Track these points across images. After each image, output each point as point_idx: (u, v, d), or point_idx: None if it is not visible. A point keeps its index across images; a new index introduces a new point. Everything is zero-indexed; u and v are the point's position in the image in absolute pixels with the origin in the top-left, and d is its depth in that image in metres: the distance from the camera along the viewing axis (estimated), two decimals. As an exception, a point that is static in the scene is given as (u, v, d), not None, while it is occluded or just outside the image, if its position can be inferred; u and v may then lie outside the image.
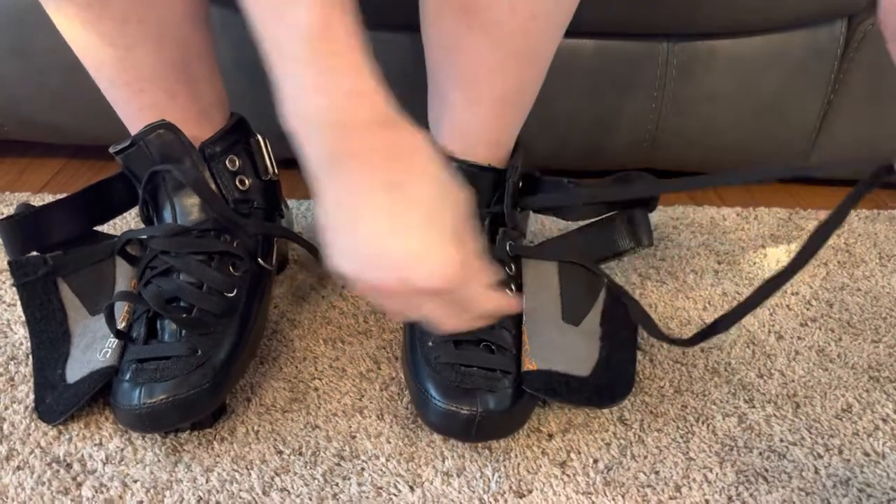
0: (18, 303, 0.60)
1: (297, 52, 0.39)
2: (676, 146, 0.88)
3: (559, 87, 0.82)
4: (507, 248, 0.60)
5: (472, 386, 0.52)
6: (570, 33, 0.78)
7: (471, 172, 0.56)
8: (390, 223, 0.41)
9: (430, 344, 0.56)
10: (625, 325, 0.61)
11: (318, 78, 0.39)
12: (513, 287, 0.59)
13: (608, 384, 0.56)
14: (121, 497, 0.51)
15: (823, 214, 0.87)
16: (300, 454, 0.54)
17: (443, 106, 0.58)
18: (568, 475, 0.53)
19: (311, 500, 0.51)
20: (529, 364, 0.54)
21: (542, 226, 0.83)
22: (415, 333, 0.57)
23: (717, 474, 0.53)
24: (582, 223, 0.65)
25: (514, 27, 0.50)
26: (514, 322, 0.58)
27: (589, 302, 0.62)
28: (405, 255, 0.41)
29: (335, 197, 0.42)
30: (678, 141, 0.87)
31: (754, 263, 0.78)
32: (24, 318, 0.59)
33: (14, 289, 0.59)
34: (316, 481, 0.52)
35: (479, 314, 0.45)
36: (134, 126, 0.60)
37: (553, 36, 0.56)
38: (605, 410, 0.58)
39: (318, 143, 0.41)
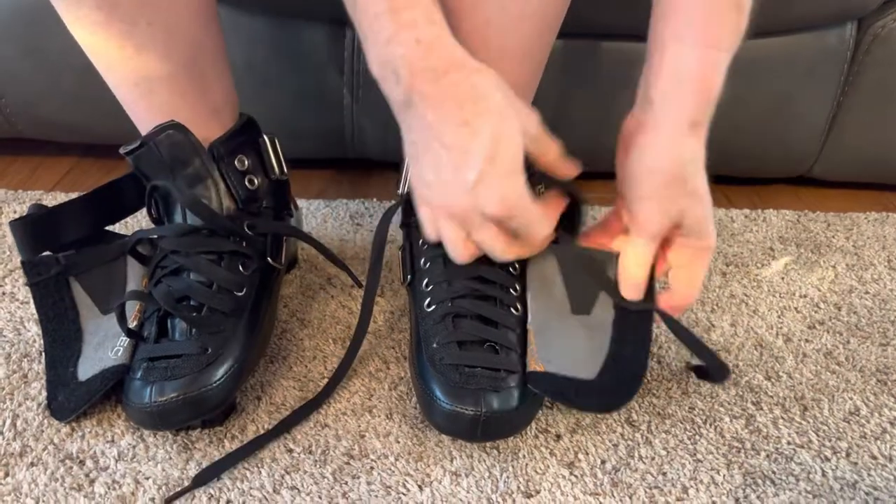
0: (31, 300, 0.61)
1: (376, 7, 0.45)
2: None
3: (564, 88, 0.82)
4: None
5: (476, 386, 0.53)
6: (575, 34, 0.78)
7: None
8: (457, 157, 0.47)
9: (435, 345, 0.56)
10: (638, 314, 0.58)
11: (394, 29, 0.45)
12: (517, 287, 0.59)
13: (615, 385, 0.55)
14: (133, 494, 0.51)
15: (832, 217, 0.87)
16: (310, 453, 0.55)
17: None
18: (576, 476, 0.53)
19: (320, 498, 0.51)
20: (535, 365, 0.54)
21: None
22: (420, 335, 0.58)
23: (724, 476, 0.54)
24: None
25: (504, 26, 0.50)
26: (519, 321, 0.58)
27: (595, 288, 0.58)
28: (470, 184, 0.47)
29: (411, 134, 0.49)
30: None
31: (762, 265, 0.78)
32: (37, 317, 0.60)
33: (27, 287, 0.60)
34: (326, 480, 0.53)
35: (532, 241, 0.52)
36: (144, 126, 0.60)
37: (543, 35, 0.56)
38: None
39: (396, 87, 0.47)
